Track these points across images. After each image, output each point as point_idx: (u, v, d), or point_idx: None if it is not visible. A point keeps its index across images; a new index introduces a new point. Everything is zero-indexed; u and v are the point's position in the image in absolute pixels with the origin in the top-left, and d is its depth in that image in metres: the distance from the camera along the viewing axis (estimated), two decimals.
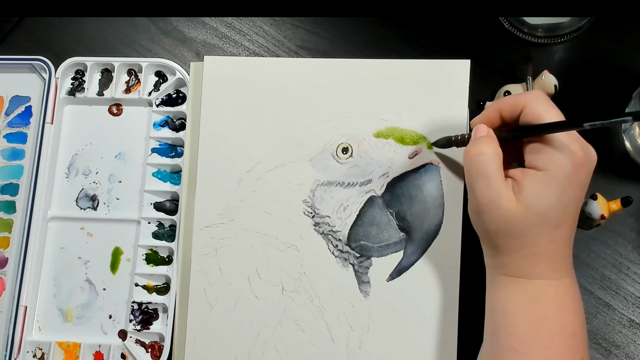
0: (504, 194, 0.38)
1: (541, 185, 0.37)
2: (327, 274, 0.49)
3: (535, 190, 0.37)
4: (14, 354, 0.52)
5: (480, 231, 0.41)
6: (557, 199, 0.37)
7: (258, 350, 0.49)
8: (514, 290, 0.39)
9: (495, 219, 0.38)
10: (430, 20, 0.58)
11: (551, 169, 0.37)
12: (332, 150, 0.51)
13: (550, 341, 0.38)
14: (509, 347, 0.38)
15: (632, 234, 0.51)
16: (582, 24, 0.55)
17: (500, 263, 0.40)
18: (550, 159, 0.37)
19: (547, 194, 0.37)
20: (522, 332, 0.38)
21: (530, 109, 0.39)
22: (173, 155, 0.56)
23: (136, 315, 0.52)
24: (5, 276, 0.55)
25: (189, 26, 0.61)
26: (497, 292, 0.40)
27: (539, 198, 0.37)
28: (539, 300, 0.39)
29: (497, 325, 0.40)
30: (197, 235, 0.51)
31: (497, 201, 0.38)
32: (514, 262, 0.39)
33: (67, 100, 0.58)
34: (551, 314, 0.39)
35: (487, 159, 0.39)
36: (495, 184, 0.38)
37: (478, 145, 0.40)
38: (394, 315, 0.49)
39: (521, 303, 0.39)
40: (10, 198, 0.56)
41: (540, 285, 0.39)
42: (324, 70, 0.52)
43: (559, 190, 0.37)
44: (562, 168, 0.37)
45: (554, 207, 0.37)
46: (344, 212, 0.50)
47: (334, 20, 0.59)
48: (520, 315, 0.39)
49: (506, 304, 0.40)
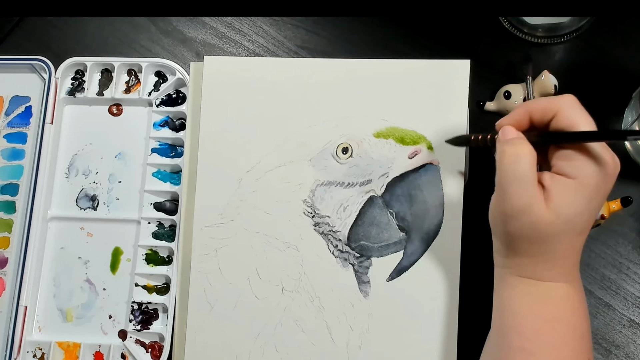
0: (538, 200, 0.37)
1: (571, 194, 0.37)
2: (327, 274, 0.49)
3: (566, 198, 0.37)
4: (14, 354, 0.52)
5: (501, 233, 0.39)
6: (585, 207, 0.37)
7: (258, 350, 0.49)
8: (525, 291, 0.39)
9: (524, 224, 0.38)
10: (430, 20, 0.58)
11: (582, 178, 0.37)
12: (332, 150, 0.51)
13: (560, 342, 0.38)
14: (519, 347, 0.38)
15: (632, 234, 0.51)
16: (582, 24, 0.55)
17: (514, 264, 0.40)
18: (582, 168, 0.37)
19: (577, 203, 0.37)
20: (532, 332, 0.38)
21: (565, 115, 0.38)
22: (173, 155, 0.56)
23: (136, 315, 0.52)
24: (5, 276, 0.55)
25: (189, 26, 0.61)
26: (507, 292, 0.40)
27: (568, 206, 0.37)
28: (549, 301, 0.39)
29: (506, 325, 0.40)
30: (197, 235, 0.51)
31: (531, 207, 0.37)
32: (530, 265, 0.39)
33: (67, 100, 0.58)
34: (561, 315, 0.39)
35: (525, 162, 0.37)
36: (530, 189, 0.37)
37: (516, 146, 0.38)
38: (394, 315, 0.49)
39: (532, 303, 0.39)
40: (10, 198, 0.56)
41: (551, 287, 0.39)
42: (324, 70, 0.52)
43: (587, 198, 0.37)
44: (593, 177, 0.37)
45: (581, 216, 0.37)
46: (344, 212, 0.50)
47: (334, 20, 0.59)
48: (531, 316, 0.39)
49: (516, 305, 0.39)
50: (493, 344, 0.41)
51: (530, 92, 0.52)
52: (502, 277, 0.41)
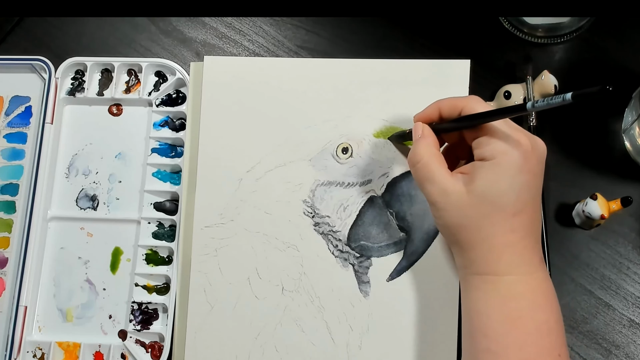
0: (452, 187, 0.39)
1: (490, 174, 0.38)
2: (327, 274, 0.49)
3: (485, 178, 0.38)
4: (14, 354, 0.52)
5: (442, 230, 0.41)
6: (508, 185, 0.38)
7: (258, 350, 0.49)
8: (485, 290, 0.39)
9: (450, 212, 0.39)
10: (430, 20, 0.58)
11: (498, 157, 0.38)
12: (332, 150, 0.51)
13: (524, 341, 0.38)
14: (485, 348, 0.38)
15: (632, 234, 0.51)
16: (582, 24, 0.55)
17: (467, 261, 0.40)
18: (496, 149, 0.38)
19: (497, 181, 0.38)
20: (496, 332, 0.38)
21: (470, 108, 0.40)
22: (173, 155, 0.56)
23: (136, 315, 0.52)
24: (5, 276, 0.55)
25: (189, 26, 0.61)
26: (470, 294, 0.40)
27: (489, 186, 0.38)
28: (510, 298, 0.39)
29: (472, 327, 0.40)
30: (197, 235, 0.51)
31: (447, 195, 0.39)
32: (479, 257, 0.39)
33: (67, 100, 0.58)
34: (524, 313, 0.38)
35: (426, 162, 0.40)
36: (440, 180, 0.40)
37: (415, 150, 0.41)
38: (394, 315, 0.49)
39: (493, 303, 0.39)
40: (10, 198, 0.56)
41: (511, 282, 0.39)
42: (324, 70, 0.52)
43: (508, 176, 0.38)
44: (509, 155, 0.38)
45: (506, 194, 0.38)
46: (344, 212, 0.50)
47: (334, 20, 0.59)
48: (494, 316, 0.39)
49: (479, 305, 0.39)
50: (464, 347, 0.41)
51: (530, 92, 0.52)
52: (463, 279, 0.41)
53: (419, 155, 0.41)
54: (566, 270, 0.51)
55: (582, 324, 0.50)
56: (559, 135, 0.54)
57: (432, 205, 0.41)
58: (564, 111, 0.54)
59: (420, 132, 0.42)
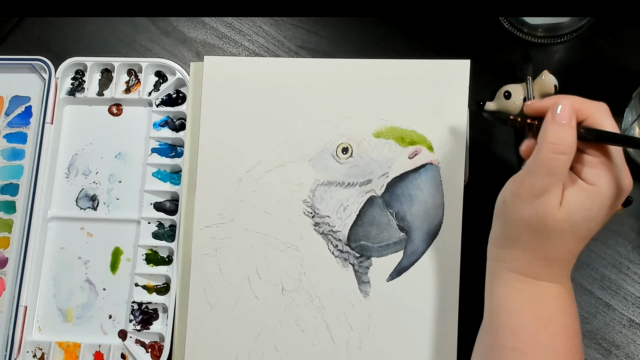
0: (557, 194, 0.37)
1: (586, 199, 0.37)
2: (327, 274, 0.49)
3: (579, 201, 0.37)
4: (14, 354, 0.52)
5: (508, 218, 0.39)
6: (595, 215, 0.38)
7: (258, 350, 0.49)
8: (520, 288, 0.39)
9: (535, 212, 0.37)
10: (430, 20, 0.58)
11: (600, 187, 0.37)
12: (332, 150, 0.51)
13: (552, 342, 0.38)
14: (512, 347, 0.38)
15: (632, 234, 0.51)
16: (582, 24, 0.55)
17: (511, 257, 0.40)
18: (603, 177, 0.37)
19: (589, 208, 0.37)
20: (525, 332, 0.38)
21: (595, 120, 0.38)
22: (173, 155, 0.56)
23: (136, 315, 0.52)
24: (5, 276, 0.55)
25: (189, 26, 0.61)
26: (501, 290, 0.40)
27: (580, 209, 0.37)
28: (543, 301, 0.39)
29: (499, 324, 0.40)
30: (197, 235, 0.51)
31: (549, 197, 0.37)
32: (527, 260, 0.39)
33: (67, 100, 0.58)
34: (554, 315, 0.39)
35: (566, 158, 0.37)
36: (558, 183, 0.37)
37: (566, 132, 0.37)
38: (394, 315, 0.49)
39: (526, 302, 0.39)
40: (10, 198, 0.56)
41: (545, 286, 0.39)
42: (324, 70, 0.52)
43: (599, 208, 0.37)
44: (610, 188, 0.37)
45: (588, 222, 0.38)
46: (344, 212, 0.50)
47: (334, 20, 0.59)
48: (525, 315, 0.39)
49: (510, 303, 0.39)
50: (485, 343, 0.41)
51: (530, 92, 0.52)
52: (496, 273, 0.41)
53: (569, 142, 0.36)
54: None
55: (582, 324, 0.50)
56: None
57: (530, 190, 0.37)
58: None
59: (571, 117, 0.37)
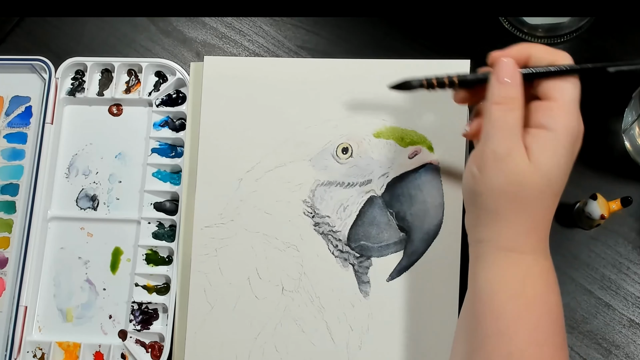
0: (522, 149, 0.36)
1: (550, 145, 0.36)
2: (327, 274, 0.49)
3: (544, 149, 0.36)
4: (14, 354, 0.52)
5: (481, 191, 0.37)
6: (563, 162, 0.36)
7: (258, 350, 0.49)
8: (504, 267, 0.37)
9: (507, 175, 0.36)
10: (430, 20, 0.58)
11: (560, 131, 0.36)
12: (332, 150, 0.51)
13: (537, 322, 0.37)
14: (495, 330, 0.36)
15: (632, 234, 0.51)
16: (582, 24, 0.55)
17: (494, 233, 0.38)
18: (561, 120, 0.36)
19: (555, 155, 0.36)
20: (509, 315, 0.37)
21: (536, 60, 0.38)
22: (173, 155, 0.56)
23: (136, 315, 0.52)
24: (5, 276, 0.55)
25: (189, 26, 0.61)
26: (486, 273, 0.38)
27: (547, 157, 0.36)
28: (528, 280, 0.37)
29: (482, 309, 0.38)
30: (197, 235, 0.51)
31: (515, 155, 0.36)
32: (510, 230, 0.37)
33: (67, 101, 0.58)
34: (538, 295, 0.37)
35: (515, 108, 0.36)
36: (517, 137, 0.36)
37: (509, 89, 0.37)
38: (394, 315, 0.49)
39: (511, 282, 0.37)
40: (10, 198, 0.56)
41: (530, 261, 0.38)
42: (324, 70, 0.52)
43: (564, 153, 0.36)
44: (570, 132, 0.36)
45: (559, 170, 0.36)
46: (344, 212, 0.50)
47: (334, 20, 0.59)
48: (509, 297, 0.37)
49: (495, 285, 0.37)
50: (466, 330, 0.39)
51: None
52: (479, 256, 0.39)
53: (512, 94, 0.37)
54: (566, 270, 0.51)
55: (582, 324, 0.50)
56: None
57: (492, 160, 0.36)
58: None
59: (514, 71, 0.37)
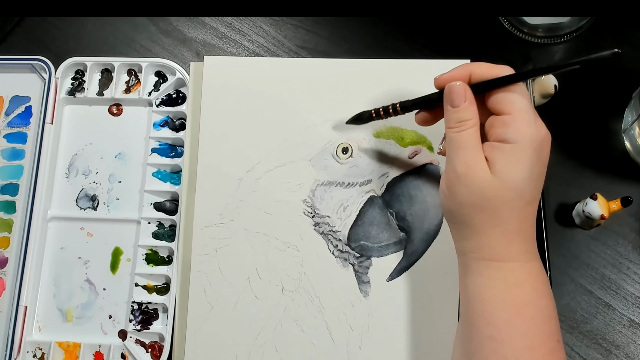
0: (482, 165, 0.38)
1: (513, 158, 0.37)
2: (327, 274, 0.49)
3: (508, 162, 0.37)
4: (14, 354, 0.52)
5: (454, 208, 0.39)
6: (529, 172, 0.37)
7: (258, 350, 0.49)
8: (489, 276, 0.39)
9: (472, 190, 0.38)
10: (430, 20, 0.58)
11: (521, 142, 0.37)
12: (332, 150, 0.51)
13: (528, 327, 0.38)
14: (488, 336, 0.38)
15: (632, 234, 0.51)
16: (582, 24, 0.55)
17: (475, 245, 0.39)
18: (519, 132, 0.37)
19: (520, 167, 0.37)
20: (500, 319, 0.38)
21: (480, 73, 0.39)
22: (173, 155, 0.56)
23: (136, 315, 0.52)
24: (5, 276, 0.55)
25: (189, 26, 0.61)
26: (472, 280, 0.40)
27: (512, 170, 0.37)
28: (515, 285, 0.38)
29: (474, 314, 0.39)
30: (197, 235, 0.51)
31: (475, 171, 0.38)
32: (490, 242, 0.39)
33: (67, 100, 0.58)
34: (528, 299, 0.38)
35: (469, 126, 0.39)
36: (475, 153, 0.38)
37: (461, 113, 0.39)
38: (394, 315, 0.49)
39: (498, 289, 0.38)
40: (10, 198, 0.56)
41: (515, 268, 0.39)
42: (324, 70, 0.52)
43: (529, 163, 0.37)
44: (532, 142, 0.37)
45: (527, 181, 0.37)
46: (344, 212, 0.50)
47: (334, 20, 0.59)
48: (499, 303, 0.38)
49: (483, 292, 0.39)
50: (463, 336, 0.40)
51: (530, 92, 0.52)
52: (465, 265, 0.40)
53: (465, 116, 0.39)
54: (566, 270, 0.51)
55: (582, 324, 0.50)
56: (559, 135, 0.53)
57: (456, 176, 0.39)
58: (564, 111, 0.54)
59: (464, 94, 0.39)
